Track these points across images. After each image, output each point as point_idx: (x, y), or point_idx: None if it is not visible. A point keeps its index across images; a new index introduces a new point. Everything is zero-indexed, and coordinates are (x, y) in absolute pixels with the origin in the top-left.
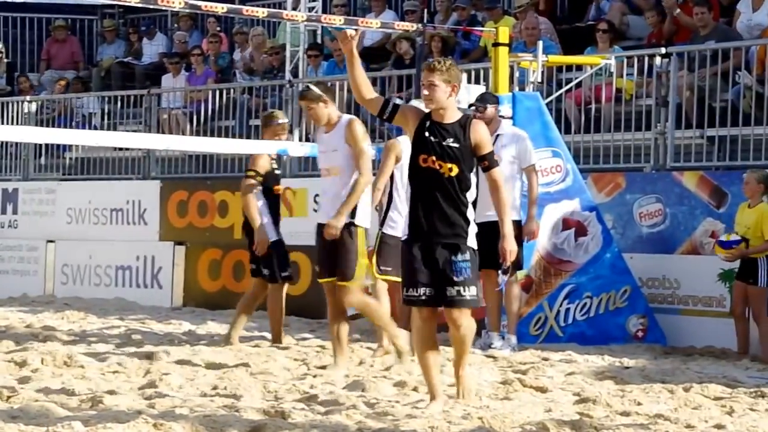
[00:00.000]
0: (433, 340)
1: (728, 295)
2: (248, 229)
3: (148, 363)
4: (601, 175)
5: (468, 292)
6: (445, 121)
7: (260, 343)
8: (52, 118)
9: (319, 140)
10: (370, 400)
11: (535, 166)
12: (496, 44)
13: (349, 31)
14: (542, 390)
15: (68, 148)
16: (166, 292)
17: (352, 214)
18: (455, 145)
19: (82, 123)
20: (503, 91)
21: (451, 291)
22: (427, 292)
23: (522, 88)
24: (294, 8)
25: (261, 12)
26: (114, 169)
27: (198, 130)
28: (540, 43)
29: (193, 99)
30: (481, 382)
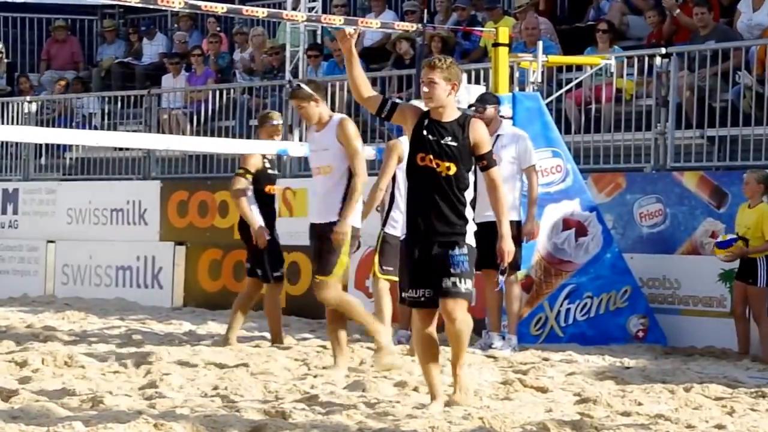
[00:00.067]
0: (433, 341)
1: (729, 295)
2: (243, 229)
3: (148, 363)
4: (602, 176)
5: (463, 285)
6: (444, 120)
7: (260, 343)
8: (53, 119)
9: (310, 139)
10: (370, 401)
11: (535, 166)
12: (496, 44)
13: (348, 29)
14: (543, 390)
15: (68, 148)
16: (166, 292)
17: (342, 211)
18: (453, 144)
19: (83, 123)
20: (503, 91)
21: (446, 282)
22: (427, 293)
23: (522, 89)
24: (294, 8)
25: (261, 12)
26: (114, 169)
27: (198, 131)
28: (540, 44)
29: (193, 99)
30: (481, 382)
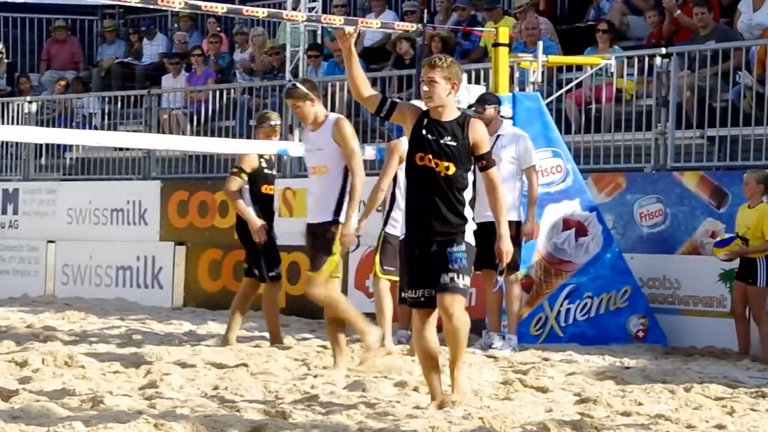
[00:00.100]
0: (433, 341)
1: (729, 295)
2: (241, 230)
3: (148, 363)
4: (602, 176)
5: (461, 281)
6: (444, 119)
7: (260, 343)
8: (53, 119)
9: (306, 139)
10: (370, 401)
11: (535, 166)
12: (496, 44)
13: (347, 28)
14: (543, 390)
15: (69, 148)
16: (166, 292)
17: (337, 212)
18: (452, 144)
19: (83, 123)
20: (503, 91)
21: (444, 278)
22: (426, 293)
23: (522, 89)
24: (294, 8)
25: (261, 12)
26: (114, 169)
27: (198, 131)
28: (540, 44)
29: (194, 99)
30: (481, 382)
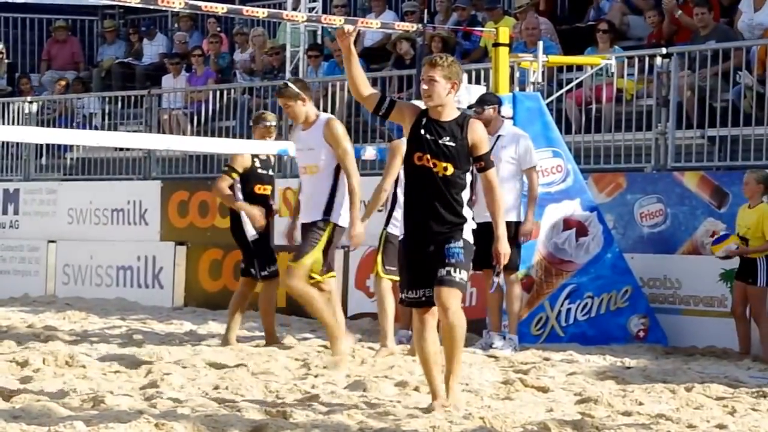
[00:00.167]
0: (433, 341)
1: (729, 295)
2: (235, 230)
3: (149, 363)
4: (602, 176)
5: (458, 275)
6: (443, 119)
7: (261, 343)
8: (53, 119)
9: (297, 138)
10: (371, 400)
11: (535, 166)
12: (497, 44)
13: (346, 26)
14: (544, 390)
15: (69, 148)
16: (167, 292)
17: (327, 211)
18: (451, 144)
19: (83, 123)
20: (503, 91)
21: (441, 272)
22: (426, 293)
23: (522, 89)
24: (294, 8)
25: (261, 12)
26: (115, 169)
27: (198, 131)
28: (540, 44)
29: (194, 99)
30: (482, 382)
